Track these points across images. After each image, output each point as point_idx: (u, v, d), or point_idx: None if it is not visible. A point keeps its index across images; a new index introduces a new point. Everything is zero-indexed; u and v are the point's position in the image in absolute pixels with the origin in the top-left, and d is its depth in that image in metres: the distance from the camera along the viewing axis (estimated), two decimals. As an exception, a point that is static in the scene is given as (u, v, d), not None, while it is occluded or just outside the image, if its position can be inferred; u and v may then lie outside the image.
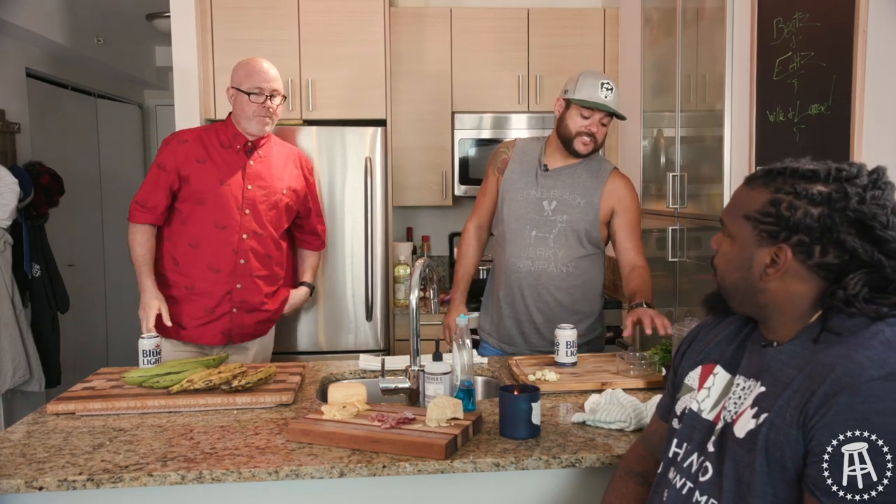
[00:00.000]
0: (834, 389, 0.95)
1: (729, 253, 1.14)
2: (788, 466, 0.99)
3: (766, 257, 1.07)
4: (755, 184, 1.13)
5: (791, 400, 1.01)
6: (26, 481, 1.39)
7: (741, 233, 1.11)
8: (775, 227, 1.06)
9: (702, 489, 1.09)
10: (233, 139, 2.49)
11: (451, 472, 1.46)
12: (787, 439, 0.99)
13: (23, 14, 4.00)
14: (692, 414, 1.18)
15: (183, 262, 2.45)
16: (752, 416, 1.05)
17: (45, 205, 4.12)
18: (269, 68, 2.49)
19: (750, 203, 1.10)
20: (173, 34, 3.24)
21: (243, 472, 1.42)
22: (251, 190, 2.48)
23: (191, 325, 2.46)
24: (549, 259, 2.34)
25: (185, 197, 2.44)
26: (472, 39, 3.62)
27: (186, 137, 2.49)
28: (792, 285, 1.07)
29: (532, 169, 2.40)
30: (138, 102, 6.13)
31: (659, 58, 3.16)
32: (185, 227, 2.45)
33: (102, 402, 1.77)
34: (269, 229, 2.53)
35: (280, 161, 2.59)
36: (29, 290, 4.03)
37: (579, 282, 2.38)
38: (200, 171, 2.43)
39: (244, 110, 2.45)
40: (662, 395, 1.38)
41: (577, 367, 2.09)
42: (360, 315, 3.29)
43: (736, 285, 1.13)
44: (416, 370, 1.89)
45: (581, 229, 2.34)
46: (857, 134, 1.85)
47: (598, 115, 2.31)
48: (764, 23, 2.28)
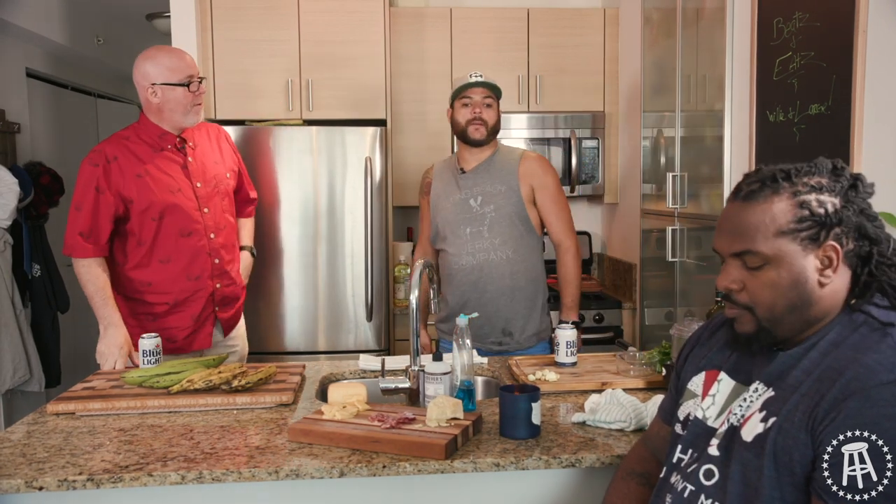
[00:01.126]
0: (844, 394, 0.95)
1: (777, 279, 1.05)
2: (797, 471, 0.99)
3: (816, 263, 1.04)
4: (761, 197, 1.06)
5: (800, 404, 1.00)
6: (26, 481, 1.39)
7: (783, 250, 1.04)
8: (815, 229, 1.03)
9: (707, 493, 1.09)
10: (161, 140, 2.33)
11: (452, 472, 1.46)
12: (795, 443, 0.98)
13: (23, 14, 4.01)
14: (697, 422, 1.17)
15: (158, 280, 2.31)
16: (761, 420, 1.04)
17: (45, 205, 4.13)
18: (184, 52, 2.36)
19: (777, 217, 1.04)
20: (173, 34, 3.24)
21: (243, 472, 1.42)
22: (201, 187, 2.36)
23: (180, 336, 2.36)
24: (487, 249, 2.43)
25: (135, 218, 2.26)
26: (472, 39, 3.62)
27: (114, 154, 2.27)
28: (836, 282, 1.05)
29: (451, 177, 2.53)
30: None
31: (659, 58, 3.16)
32: (146, 247, 2.29)
33: (102, 402, 1.77)
34: (228, 219, 2.45)
35: (208, 144, 2.46)
36: (29, 290, 4.03)
37: (522, 267, 2.45)
38: (144, 188, 2.25)
39: (181, 104, 2.29)
40: (664, 396, 1.38)
41: (576, 367, 2.09)
42: (360, 315, 3.29)
43: (791, 306, 1.05)
44: (416, 370, 1.89)
45: (510, 213, 2.43)
46: (857, 134, 1.85)
47: (476, 97, 2.42)
48: (764, 23, 2.28)
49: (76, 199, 2.26)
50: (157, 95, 2.30)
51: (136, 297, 2.34)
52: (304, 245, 3.27)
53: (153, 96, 2.30)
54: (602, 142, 3.68)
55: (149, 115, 2.35)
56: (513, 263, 2.44)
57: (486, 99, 2.42)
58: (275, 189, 3.22)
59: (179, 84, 2.29)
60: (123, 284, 2.34)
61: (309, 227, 3.26)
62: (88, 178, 2.25)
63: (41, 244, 4.11)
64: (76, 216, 2.25)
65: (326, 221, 3.27)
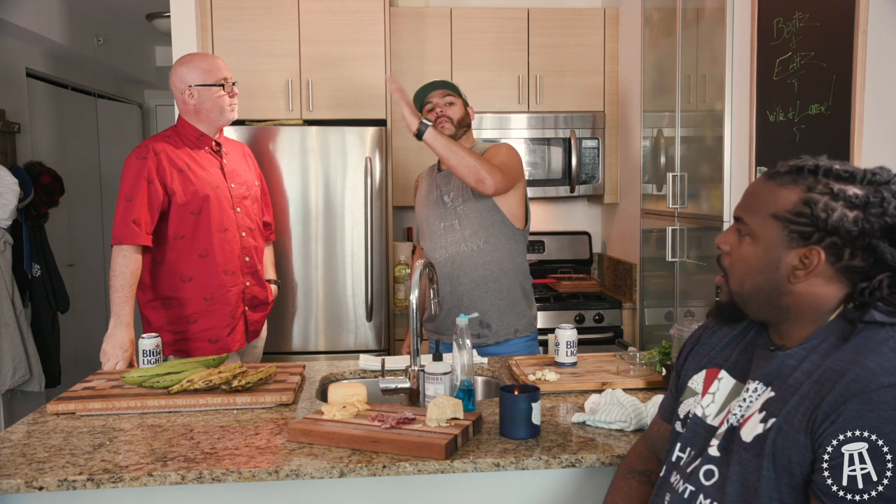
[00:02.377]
0: (844, 396, 0.94)
1: (751, 255, 1.08)
2: (795, 472, 0.98)
3: (794, 259, 1.04)
4: (783, 180, 1.06)
5: (799, 405, 1.00)
6: (26, 481, 1.39)
7: (768, 233, 1.06)
8: (809, 229, 1.02)
9: (706, 493, 1.09)
10: (199, 142, 2.45)
11: (452, 472, 1.46)
12: (794, 445, 0.98)
13: (23, 14, 4.01)
14: (697, 419, 1.17)
15: (198, 275, 2.38)
16: (760, 421, 1.04)
17: (45, 205, 4.13)
18: (217, 57, 2.51)
19: (779, 201, 1.05)
20: (173, 34, 3.24)
21: (243, 472, 1.42)
22: (235, 188, 2.49)
23: (222, 335, 2.43)
24: (459, 241, 2.45)
25: (174, 212, 2.35)
26: (472, 39, 3.62)
27: (159, 148, 2.36)
28: (818, 287, 1.04)
29: (431, 177, 2.60)
30: (138, 102, 6.13)
31: (659, 58, 3.16)
32: (186, 241, 2.37)
33: (102, 402, 1.77)
34: (257, 221, 2.58)
35: (239, 155, 2.61)
36: (29, 290, 4.03)
37: (494, 257, 2.44)
38: (186, 181, 2.36)
39: (217, 104, 2.41)
40: (665, 395, 1.38)
41: (576, 367, 2.09)
42: (360, 315, 3.30)
43: (758, 288, 1.08)
44: (416, 370, 1.89)
45: (479, 204, 2.44)
46: (857, 134, 1.85)
47: (436, 99, 2.49)
48: (764, 23, 2.28)
49: (126, 191, 2.31)
50: (193, 97, 2.41)
51: (175, 297, 2.39)
52: (304, 245, 3.27)
53: (190, 98, 2.41)
54: (602, 142, 3.68)
55: (186, 117, 2.46)
56: (484, 253, 2.43)
57: (446, 98, 2.49)
58: (275, 189, 3.22)
59: (215, 84, 2.41)
60: (164, 282, 2.39)
61: (309, 227, 3.27)
62: (138, 170, 2.32)
63: (41, 244, 4.11)
64: (128, 207, 2.29)
65: (326, 221, 3.27)
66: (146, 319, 2.42)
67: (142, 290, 2.37)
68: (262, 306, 2.61)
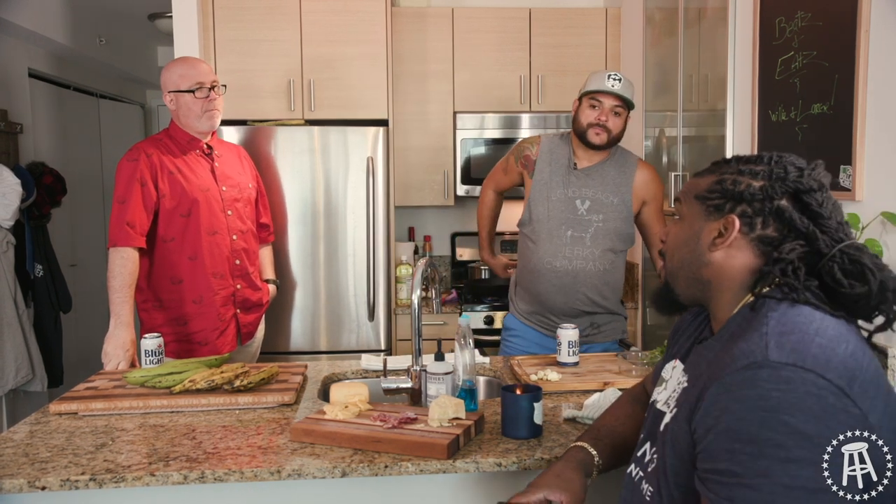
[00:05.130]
0: (708, 383, 0.99)
1: (679, 232, 1.17)
2: (686, 459, 1.03)
3: (714, 230, 1.11)
4: (704, 172, 1.18)
5: (689, 395, 1.05)
6: (29, 481, 1.39)
7: (691, 211, 1.15)
8: (721, 200, 1.10)
9: (648, 479, 1.13)
10: (189, 145, 2.45)
11: (454, 471, 1.47)
12: (682, 433, 1.03)
13: (25, 14, 4.01)
14: (653, 406, 1.22)
15: (188, 277, 2.40)
16: (669, 411, 1.11)
17: (47, 205, 4.13)
18: (200, 62, 2.48)
19: (700, 185, 1.15)
20: (175, 34, 3.24)
21: (245, 472, 1.42)
22: (226, 191, 2.49)
23: (211, 338, 2.44)
24: (586, 258, 2.37)
25: (166, 213, 2.37)
26: (473, 39, 3.62)
27: (150, 150, 2.38)
28: (734, 257, 1.09)
29: (562, 168, 2.42)
30: (140, 102, 6.14)
31: (661, 57, 3.16)
32: (175, 243, 2.38)
33: (105, 402, 1.77)
34: (249, 224, 2.57)
35: (233, 158, 2.61)
36: (32, 291, 4.04)
37: (612, 278, 2.43)
38: (176, 184, 2.37)
39: (192, 110, 2.40)
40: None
41: (578, 366, 2.09)
42: (363, 315, 3.30)
43: (683, 261, 1.15)
44: (418, 370, 1.89)
45: (617, 228, 2.39)
46: (860, 133, 1.85)
47: (607, 104, 2.32)
48: (766, 22, 2.28)
49: (119, 194, 2.34)
50: (173, 102, 2.44)
51: (167, 299, 2.41)
52: (305, 245, 3.27)
53: (171, 103, 2.44)
54: (604, 141, 3.67)
55: (175, 121, 2.48)
56: (607, 274, 2.39)
57: (616, 107, 2.32)
58: (277, 189, 3.22)
59: (188, 91, 2.40)
60: (157, 284, 2.40)
61: (311, 227, 3.27)
62: (131, 172, 2.34)
63: (44, 244, 4.12)
64: (121, 209, 2.32)
65: (328, 221, 3.27)
66: (142, 321, 2.43)
67: (138, 292, 2.37)
68: (255, 308, 2.60)
